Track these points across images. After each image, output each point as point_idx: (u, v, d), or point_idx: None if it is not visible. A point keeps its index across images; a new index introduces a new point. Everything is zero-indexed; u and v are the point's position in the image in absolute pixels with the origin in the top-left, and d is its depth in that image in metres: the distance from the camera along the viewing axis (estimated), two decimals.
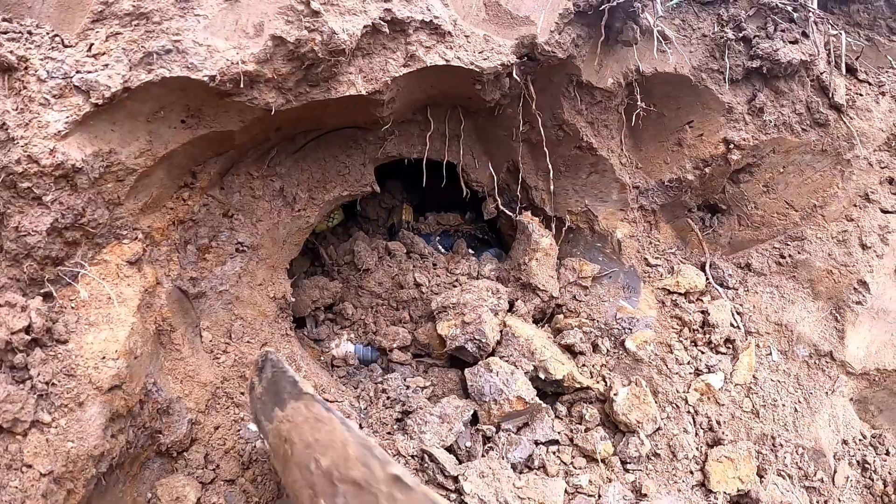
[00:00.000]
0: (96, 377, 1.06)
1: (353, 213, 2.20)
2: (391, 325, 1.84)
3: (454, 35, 1.36)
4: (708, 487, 1.56)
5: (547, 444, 1.54)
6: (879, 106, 1.77)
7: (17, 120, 1.03)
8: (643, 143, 1.81)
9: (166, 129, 1.20)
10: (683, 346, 1.71)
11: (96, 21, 1.09)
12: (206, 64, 1.11)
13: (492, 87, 1.49)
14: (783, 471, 1.62)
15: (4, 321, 1.00)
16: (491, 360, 1.59)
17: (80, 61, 1.07)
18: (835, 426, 1.70)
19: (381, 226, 2.29)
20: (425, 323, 1.78)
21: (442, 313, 1.67)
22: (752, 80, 1.67)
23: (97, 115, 1.08)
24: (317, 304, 1.84)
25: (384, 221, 2.29)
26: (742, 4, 1.65)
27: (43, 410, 1.02)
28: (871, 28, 1.95)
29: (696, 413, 1.64)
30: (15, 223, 1.05)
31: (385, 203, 2.30)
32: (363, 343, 1.83)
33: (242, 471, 1.33)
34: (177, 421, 1.27)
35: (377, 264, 1.92)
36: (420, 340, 1.75)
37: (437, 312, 1.69)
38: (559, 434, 1.56)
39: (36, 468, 0.99)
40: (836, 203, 1.80)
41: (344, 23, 1.19)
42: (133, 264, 1.21)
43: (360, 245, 1.93)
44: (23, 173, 1.03)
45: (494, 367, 1.55)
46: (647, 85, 1.65)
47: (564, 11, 1.45)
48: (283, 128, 1.44)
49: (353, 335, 1.84)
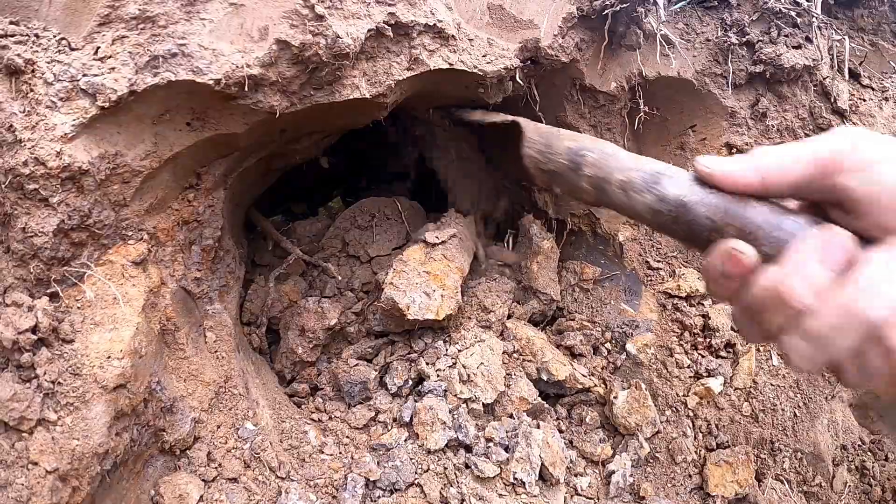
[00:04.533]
0: (101, 376, 1.07)
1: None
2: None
3: (458, 39, 1.37)
4: (706, 491, 1.57)
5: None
6: (883, 111, 1.77)
7: (24, 122, 1.04)
8: (646, 146, 1.82)
9: (172, 132, 1.21)
10: (684, 349, 1.72)
11: (102, 24, 1.10)
12: (211, 67, 1.12)
13: (495, 91, 1.50)
14: (782, 475, 1.63)
15: (11, 321, 1.02)
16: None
17: (87, 64, 1.08)
18: (834, 431, 1.71)
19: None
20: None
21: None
22: (756, 84, 1.68)
23: (103, 117, 1.09)
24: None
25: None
26: (746, 9, 1.66)
27: (49, 409, 1.03)
28: (875, 33, 1.95)
29: (695, 417, 1.65)
30: (22, 224, 1.06)
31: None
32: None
33: (244, 469, 1.34)
34: (180, 419, 1.28)
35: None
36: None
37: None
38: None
39: (42, 465, 1.00)
40: None
41: (348, 27, 1.20)
42: (138, 265, 1.22)
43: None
44: (30, 175, 1.04)
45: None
46: (650, 89, 1.66)
47: (568, 15, 1.46)
48: (288, 130, 1.44)
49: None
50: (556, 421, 1.61)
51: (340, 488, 1.37)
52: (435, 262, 1.59)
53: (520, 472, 1.41)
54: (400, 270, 1.56)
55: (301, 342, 1.65)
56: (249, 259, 1.85)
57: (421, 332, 1.63)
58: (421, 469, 1.41)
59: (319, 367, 1.69)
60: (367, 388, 1.57)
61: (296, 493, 1.32)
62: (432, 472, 1.40)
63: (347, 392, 1.58)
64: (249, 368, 1.54)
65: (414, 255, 1.60)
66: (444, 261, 1.60)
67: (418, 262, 1.58)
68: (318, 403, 1.60)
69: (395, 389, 1.57)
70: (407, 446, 1.44)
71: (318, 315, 1.65)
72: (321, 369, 1.69)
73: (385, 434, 1.49)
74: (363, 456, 1.43)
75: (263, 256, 1.89)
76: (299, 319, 1.66)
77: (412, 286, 1.52)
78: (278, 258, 1.88)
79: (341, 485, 1.38)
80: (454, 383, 1.49)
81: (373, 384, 1.58)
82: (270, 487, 1.34)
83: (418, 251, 1.62)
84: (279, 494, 1.32)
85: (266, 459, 1.37)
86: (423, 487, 1.38)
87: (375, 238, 1.89)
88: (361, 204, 1.96)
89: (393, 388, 1.56)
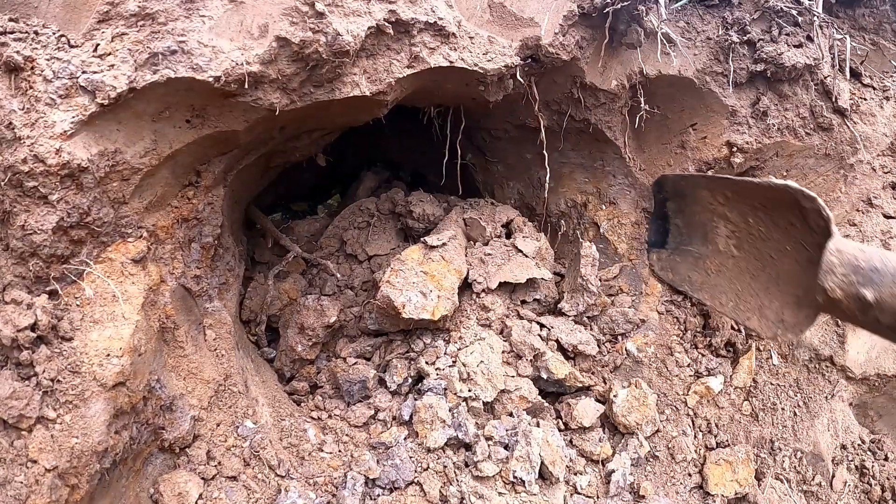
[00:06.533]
0: (101, 374, 1.07)
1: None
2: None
3: (458, 36, 1.37)
4: (706, 490, 1.57)
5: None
6: (883, 110, 1.77)
7: (23, 119, 1.04)
8: (647, 145, 1.81)
9: (171, 129, 1.21)
10: (684, 348, 1.72)
11: (102, 21, 1.10)
12: (211, 65, 1.12)
13: (496, 89, 1.50)
14: (781, 475, 1.62)
15: (11, 319, 1.02)
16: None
17: (86, 61, 1.08)
18: (834, 431, 1.70)
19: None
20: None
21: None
22: (756, 83, 1.67)
23: (103, 115, 1.09)
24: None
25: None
26: (747, 7, 1.65)
27: (48, 407, 1.03)
28: (876, 32, 1.94)
29: (695, 416, 1.65)
30: (21, 222, 1.06)
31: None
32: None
33: (244, 467, 1.34)
34: (179, 417, 1.28)
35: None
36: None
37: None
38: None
39: (41, 463, 1.00)
40: (838, 207, 1.80)
41: (348, 24, 1.20)
42: (137, 262, 1.22)
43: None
44: (29, 172, 1.04)
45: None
46: (651, 87, 1.65)
47: (569, 13, 1.45)
48: (287, 127, 1.44)
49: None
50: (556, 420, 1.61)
51: (340, 486, 1.37)
52: (433, 262, 1.59)
53: (519, 471, 1.40)
54: (397, 269, 1.55)
55: (300, 340, 1.65)
56: (249, 256, 1.84)
57: (420, 331, 1.63)
58: (421, 467, 1.41)
59: (319, 366, 1.69)
60: (366, 386, 1.57)
61: (295, 492, 1.32)
62: (432, 471, 1.40)
63: (346, 391, 1.58)
64: (249, 366, 1.54)
65: (412, 255, 1.60)
66: (443, 262, 1.60)
67: (416, 262, 1.58)
68: (317, 401, 1.60)
69: (394, 387, 1.56)
70: (406, 444, 1.44)
71: (318, 313, 1.65)
72: (320, 367, 1.69)
73: (385, 432, 1.48)
74: (363, 454, 1.43)
75: (263, 254, 1.89)
76: (299, 317, 1.66)
77: (409, 285, 1.52)
78: (278, 256, 1.88)
79: (341, 483, 1.38)
80: (454, 381, 1.49)
81: (372, 383, 1.58)
82: (270, 485, 1.34)
83: (417, 251, 1.62)
84: (279, 492, 1.32)
85: (265, 457, 1.37)
86: (422, 486, 1.37)
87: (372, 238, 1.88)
88: (360, 203, 1.96)
89: (392, 385, 1.56)
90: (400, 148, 2.36)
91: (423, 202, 1.86)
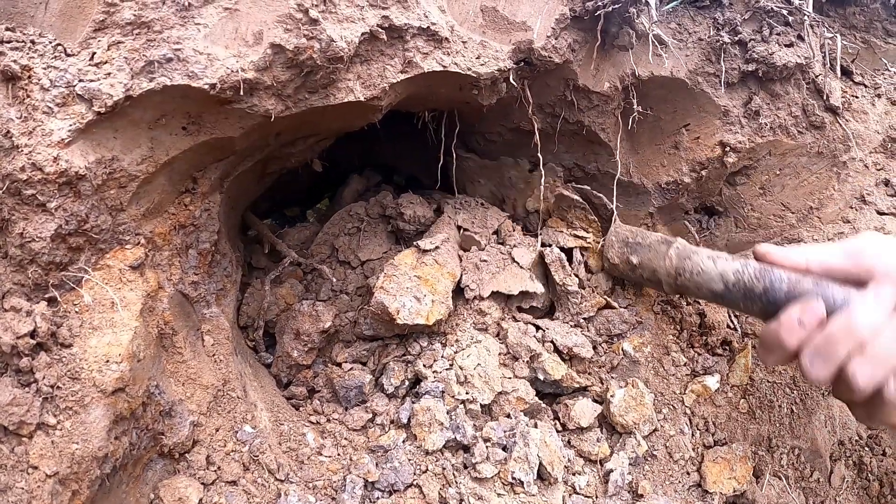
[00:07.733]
0: (100, 380, 1.08)
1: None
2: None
3: (451, 41, 1.38)
4: (704, 488, 1.57)
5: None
6: (875, 108, 1.78)
7: (21, 128, 1.05)
8: (640, 146, 1.83)
9: (167, 136, 1.22)
10: (680, 347, 1.73)
11: (98, 30, 1.11)
12: (206, 72, 1.13)
13: (489, 92, 1.51)
14: (779, 472, 1.63)
15: (10, 326, 1.03)
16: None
17: (83, 70, 1.09)
18: (831, 427, 1.71)
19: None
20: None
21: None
22: (748, 83, 1.69)
23: (100, 123, 1.10)
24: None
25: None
26: (738, 8, 1.67)
27: (48, 413, 1.04)
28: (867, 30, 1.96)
29: (692, 414, 1.66)
30: (20, 230, 1.07)
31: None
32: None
33: (244, 472, 1.35)
34: (179, 423, 1.29)
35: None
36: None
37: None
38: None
39: (42, 469, 1.01)
40: (832, 205, 1.81)
41: (342, 30, 1.21)
42: (136, 269, 1.23)
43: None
44: (27, 180, 1.05)
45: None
46: (644, 89, 1.67)
47: (561, 17, 1.47)
48: (283, 133, 1.45)
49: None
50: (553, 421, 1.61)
51: (339, 489, 1.38)
52: (426, 266, 1.60)
53: (518, 472, 1.41)
54: (391, 275, 1.56)
55: (296, 345, 1.66)
56: (246, 262, 1.85)
57: (416, 335, 1.63)
58: (419, 470, 1.41)
59: (315, 370, 1.70)
60: (362, 391, 1.58)
61: (295, 495, 1.33)
62: (431, 473, 1.41)
63: (343, 397, 1.58)
64: (247, 371, 1.55)
65: (405, 260, 1.61)
66: (436, 266, 1.61)
67: (410, 267, 1.59)
68: (315, 406, 1.60)
69: (391, 390, 1.57)
70: (405, 447, 1.45)
71: (313, 318, 1.66)
72: (317, 372, 1.69)
73: (383, 435, 1.49)
74: (361, 457, 1.44)
75: (260, 260, 1.90)
76: (294, 323, 1.67)
77: (403, 290, 1.53)
78: (274, 262, 1.88)
79: (340, 486, 1.38)
80: (451, 384, 1.50)
81: (368, 387, 1.58)
82: (270, 489, 1.34)
83: (410, 256, 1.62)
84: (278, 496, 1.33)
85: (265, 462, 1.37)
86: (421, 488, 1.38)
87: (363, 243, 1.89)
88: (349, 208, 1.96)
89: (390, 388, 1.57)
90: (394, 153, 2.37)
91: (414, 204, 1.86)
